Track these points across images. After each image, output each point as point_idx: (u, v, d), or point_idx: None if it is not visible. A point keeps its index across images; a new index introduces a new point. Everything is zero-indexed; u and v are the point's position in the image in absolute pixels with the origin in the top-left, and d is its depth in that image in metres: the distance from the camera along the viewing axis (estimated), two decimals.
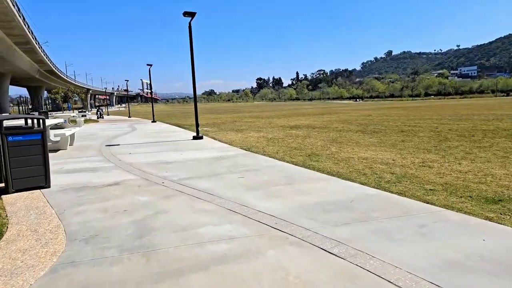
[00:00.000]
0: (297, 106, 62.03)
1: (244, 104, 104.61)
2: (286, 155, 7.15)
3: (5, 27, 23.09)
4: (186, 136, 12.11)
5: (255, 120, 22.23)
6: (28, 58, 36.73)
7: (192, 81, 10.96)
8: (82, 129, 17.32)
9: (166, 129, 16.05)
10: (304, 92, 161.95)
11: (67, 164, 6.83)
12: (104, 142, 10.75)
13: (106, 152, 8.44)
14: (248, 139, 10.41)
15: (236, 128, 15.21)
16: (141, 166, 6.39)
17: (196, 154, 7.80)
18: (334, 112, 31.05)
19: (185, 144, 9.75)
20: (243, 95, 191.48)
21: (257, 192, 4.38)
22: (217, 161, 6.77)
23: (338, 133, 11.51)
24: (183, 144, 9.65)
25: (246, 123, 18.66)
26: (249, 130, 13.85)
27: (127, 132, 14.77)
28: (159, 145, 9.59)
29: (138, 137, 12.15)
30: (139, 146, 9.51)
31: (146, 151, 8.47)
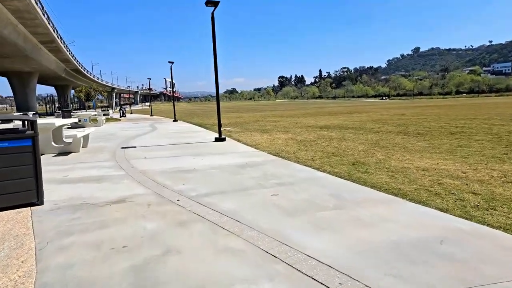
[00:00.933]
0: (321, 104, 60.24)
1: (266, 103, 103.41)
2: (324, 163, 6.01)
3: (29, 25, 23.07)
4: (208, 137, 11.17)
5: (279, 119, 21.10)
6: (54, 57, 37.18)
7: (215, 75, 9.99)
8: (102, 129, 16.79)
9: (187, 129, 15.22)
10: (327, 90, 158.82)
11: (74, 171, 5.99)
12: (120, 144, 9.97)
13: (120, 156, 7.60)
14: (275, 142, 9.32)
15: (261, 129, 14.15)
16: (155, 175, 5.44)
17: (218, 159, 6.80)
18: (363, 110, 29.41)
19: (206, 147, 8.79)
20: (265, 94, 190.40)
21: (299, 219, 3.30)
22: (242, 169, 5.73)
23: (377, 135, 10.21)
24: (204, 147, 8.69)
25: (271, 123, 17.56)
26: (275, 131, 12.75)
27: (146, 132, 14.03)
28: (178, 148, 8.67)
29: (157, 138, 11.33)
30: (156, 149, 8.63)
31: (164, 155, 7.56)
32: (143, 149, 8.74)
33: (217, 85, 10.06)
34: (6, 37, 21.41)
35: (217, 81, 10.02)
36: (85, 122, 19.11)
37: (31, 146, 3.95)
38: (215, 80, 10.04)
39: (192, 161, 6.71)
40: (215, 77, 10.02)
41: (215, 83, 10.07)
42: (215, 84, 10.09)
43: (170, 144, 9.51)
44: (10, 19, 20.25)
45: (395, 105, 42.15)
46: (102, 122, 19.52)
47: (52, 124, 7.89)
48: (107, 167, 6.29)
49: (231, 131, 13.23)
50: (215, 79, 10.02)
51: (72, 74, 53.86)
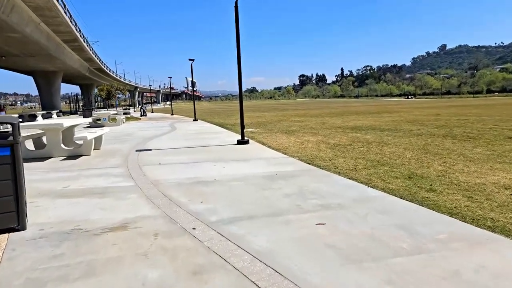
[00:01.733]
0: (344, 103, 58.33)
1: (287, 102, 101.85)
2: (372, 175, 4.93)
3: (51, 24, 22.95)
4: (229, 139, 10.24)
5: (304, 119, 19.97)
6: (77, 56, 37.44)
7: (238, 72, 9.04)
8: (120, 128, 16.23)
9: (208, 129, 14.37)
10: (350, 89, 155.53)
11: (77, 180, 5.18)
12: (135, 146, 9.19)
13: (132, 161, 6.77)
14: (305, 146, 8.27)
15: (286, 129, 13.11)
16: (169, 188, 4.53)
17: (242, 167, 5.83)
18: (392, 110, 27.78)
19: (228, 151, 7.85)
20: (285, 92, 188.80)
21: (367, 272, 2.27)
22: (272, 182, 4.74)
23: (421, 139, 8.96)
24: (225, 151, 7.75)
25: (296, 123, 16.47)
26: (301, 132, 11.68)
27: (165, 132, 13.28)
28: (197, 152, 7.78)
29: (175, 140, 10.51)
30: (173, 153, 7.77)
31: (180, 160, 6.67)
32: (159, 152, 7.90)
33: (240, 82, 9.11)
34: (28, 35, 21.33)
35: (240, 78, 9.07)
36: (104, 122, 18.68)
37: (9, 156, 3.10)
38: (238, 77, 9.09)
39: (212, 169, 5.78)
40: (238, 74, 9.07)
41: (238, 80, 9.12)
42: (238, 82, 9.14)
43: (188, 147, 8.64)
44: (31, 16, 20.10)
45: (424, 105, 39.98)
46: (121, 122, 19.05)
47: (59, 125, 7.18)
48: (116, 176, 5.44)
49: (254, 132, 12.27)
50: (238, 77, 9.08)
51: (96, 73, 54.50)
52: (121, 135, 12.62)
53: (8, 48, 25.32)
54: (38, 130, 7.76)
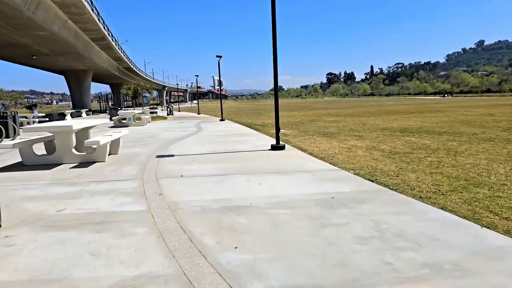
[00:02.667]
0: (376, 102, 55.57)
1: (315, 100, 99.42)
2: (472, 203, 3.50)
3: (78, 21, 22.68)
4: (261, 142, 8.99)
5: (339, 119, 18.41)
6: (106, 55, 37.58)
7: (274, 67, 7.74)
8: (144, 129, 15.41)
9: (236, 130, 13.20)
10: (380, 87, 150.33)
11: (77, 200, 4.10)
12: (157, 150, 8.15)
13: (150, 171, 5.67)
14: (355, 153, 6.88)
15: (323, 131, 11.70)
16: (190, 219, 3.34)
17: (284, 184, 4.56)
18: (434, 109, 25.53)
19: (262, 158, 6.60)
20: (312, 91, 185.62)
21: None
22: (330, 210, 3.43)
23: (498, 145, 7.31)
24: (259, 159, 6.50)
25: (332, 124, 14.98)
26: (343, 135, 10.24)
27: (190, 133, 12.24)
28: (225, 160, 6.58)
29: (201, 143, 9.39)
30: (198, 160, 6.62)
31: (206, 172, 5.49)
32: (182, 159, 6.78)
33: (276, 80, 7.81)
34: (56, 34, 21.11)
35: (276, 72, 7.77)
36: (129, 121, 18.00)
37: None
38: (274, 72, 7.81)
39: (245, 185, 4.55)
40: (274, 72, 7.79)
41: (274, 79, 7.84)
42: (274, 78, 7.85)
43: (215, 153, 7.47)
44: (58, 14, 19.81)
45: (467, 103, 36.98)
46: (146, 121, 18.30)
47: (69, 127, 6.20)
48: (126, 193, 4.33)
49: (287, 134, 10.96)
50: (274, 75, 7.79)
51: (125, 72, 55.08)
52: (144, 136, 11.70)
53: (39, 47, 25.42)
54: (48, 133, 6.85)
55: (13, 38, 21.47)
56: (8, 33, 20.11)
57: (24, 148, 6.49)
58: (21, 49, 25.64)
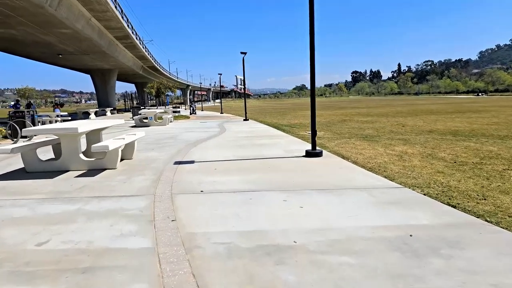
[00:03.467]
0: (406, 101, 52.87)
1: (339, 99, 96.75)
2: None
3: (102, 19, 22.36)
4: (293, 147, 7.91)
5: (371, 119, 17.00)
6: (130, 53, 37.54)
7: (310, 61, 6.62)
8: (165, 129, 14.67)
9: (262, 131, 12.16)
10: (408, 86, 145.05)
11: (68, 226, 3.20)
12: (176, 155, 7.25)
13: (165, 183, 4.74)
14: (410, 162, 5.67)
15: (360, 134, 10.46)
16: (210, 267, 2.33)
17: (335, 210, 3.47)
18: (475, 109, 23.51)
19: (297, 168, 5.51)
20: (337, 89, 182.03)
21: None
22: (416, 261, 2.32)
23: None
24: (293, 169, 5.43)
25: (366, 125, 13.65)
26: (385, 139, 8.98)
27: (213, 135, 11.33)
28: (254, 169, 5.55)
29: (224, 146, 8.42)
30: (222, 169, 5.64)
31: (231, 186, 4.49)
32: (203, 167, 5.81)
33: (312, 73, 6.69)
34: (80, 31, 20.84)
35: (313, 68, 6.64)
36: (150, 121, 17.37)
37: None
38: (311, 70, 6.69)
39: (282, 209, 3.50)
40: (310, 66, 6.67)
41: (310, 75, 6.72)
42: (310, 73, 6.74)
43: (241, 159, 6.46)
44: (81, 11, 19.49)
45: (508, 103, 34.22)
46: (168, 121, 17.59)
47: (73, 130, 5.35)
48: (131, 218, 3.38)
49: (320, 136, 9.80)
50: (310, 69, 6.68)
51: (149, 71, 55.35)
52: (163, 137, 10.89)
53: (64, 46, 25.40)
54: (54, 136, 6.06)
55: (38, 37, 21.40)
56: (33, 31, 20.00)
57: (27, 153, 5.73)
58: (47, 48, 25.72)
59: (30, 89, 67.90)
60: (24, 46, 24.93)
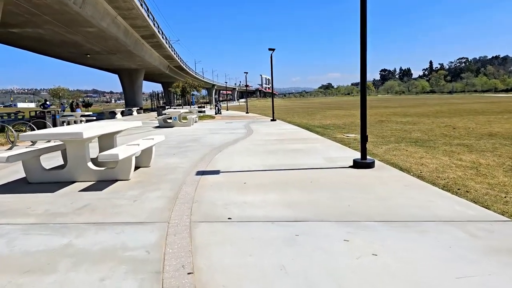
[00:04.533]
0: (442, 100, 49.76)
1: (368, 98, 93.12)
2: None
3: (127, 17, 21.99)
4: (332, 152, 6.76)
5: (411, 120, 15.43)
6: (156, 53, 37.42)
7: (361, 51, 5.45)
8: (189, 130, 13.87)
9: (293, 134, 11.04)
10: (441, 84, 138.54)
11: (42, 279, 2.26)
12: (199, 162, 6.31)
13: (183, 204, 3.77)
14: (495, 179, 4.41)
15: (407, 137, 9.13)
16: None
17: (422, 260, 2.34)
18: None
19: (347, 185, 4.39)
20: None
21: None
22: None
23: None
24: (343, 186, 4.31)
25: (408, 126, 12.20)
26: (441, 144, 7.64)
27: (239, 137, 10.35)
28: (292, 185, 4.48)
29: (252, 152, 7.40)
30: (252, 184, 4.61)
31: (267, 213, 3.46)
32: (230, 179, 4.82)
33: (363, 57, 5.52)
34: (105, 30, 20.55)
35: (365, 50, 5.46)
36: (174, 121, 16.66)
37: None
38: (361, 64, 5.53)
39: (346, 257, 2.41)
40: (361, 60, 5.52)
41: (360, 69, 5.57)
42: (360, 71, 5.58)
43: (274, 169, 5.40)
44: (107, 9, 19.13)
45: None
46: (192, 121, 16.82)
47: (78, 135, 4.49)
48: (132, 266, 2.41)
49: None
50: (361, 65, 5.52)
51: (175, 71, 55.44)
52: (187, 139, 10.03)
53: (91, 45, 25.37)
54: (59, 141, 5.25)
55: (65, 36, 21.33)
56: (59, 31, 19.90)
57: (29, 161, 4.96)
58: (75, 47, 25.79)
59: (63, 89, 69.80)
60: (52, 46, 25.10)
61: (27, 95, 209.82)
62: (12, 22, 17.22)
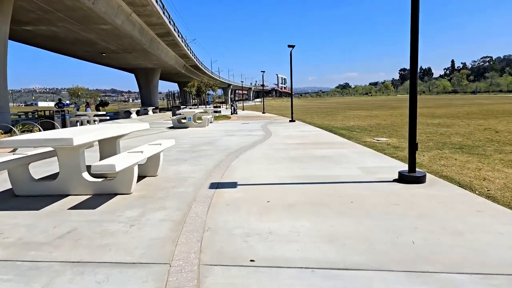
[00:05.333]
0: (467, 100, 47.47)
1: (386, 98, 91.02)
2: None
3: (142, 14, 21.46)
4: (368, 161, 5.81)
5: (443, 121, 14.17)
6: (172, 52, 37.00)
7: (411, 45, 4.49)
8: (204, 131, 13.09)
9: (315, 136, 10.08)
10: (464, 84, 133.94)
11: None
12: (213, 171, 5.49)
13: (193, 231, 2.95)
14: None
15: (449, 142, 8.06)
16: None
17: None
18: None
19: (399, 208, 3.46)
20: (383, 88, 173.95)
21: None
22: None
23: None
24: (396, 211, 3.38)
25: (443, 129, 11.04)
26: (493, 152, 6.57)
27: (257, 140, 9.49)
28: (328, 207, 3.58)
29: (273, 159, 6.52)
30: (278, 204, 3.75)
31: (300, 250, 2.60)
32: (250, 195, 3.96)
33: (414, 49, 4.54)
34: (120, 28, 20.07)
35: (416, 55, 4.49)
36: (189, 122, 15.94)
37: None
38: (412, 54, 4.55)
39: None
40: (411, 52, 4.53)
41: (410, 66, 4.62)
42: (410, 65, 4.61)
43: (302, 182, 4.50)
44: (120, 5, 18.61)
45: None
46: (207, 122, 16.07)
47: (66, 141, 3.70)
48: None
49: (397, 146, 7.58)
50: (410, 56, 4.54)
51: (191, 70, 55.12)
52: (201, 142, 9.25)
53: (105, 43, 25.04)
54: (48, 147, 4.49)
55: (79, 33, 20.99)
56: (73, 28, 19.53)
57: (15, 170, 4.24)
58: (90, 46, 25.52)
59: (81, 89, 70.73)
60: (67, 44, 24.89)
61: (48, 94, 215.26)
62: (24, 19, 16.91)
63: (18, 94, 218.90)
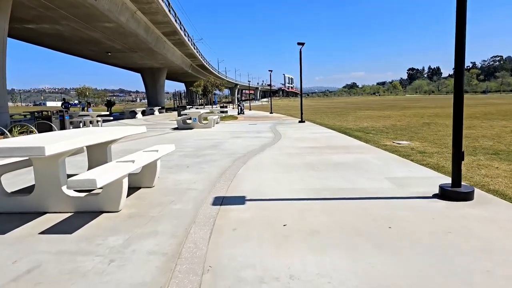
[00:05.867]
0: (479, 100, 46.02)
1: (395, 98, 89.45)
2: None
3: (147, 12, 20.89)
4: (396, 170, 5.04)
5: (464, 123, 13.22)
6: (178, 51, 36.47)
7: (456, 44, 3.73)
8: (209, 133, 12.40)
9: (329, 139, 9.31)
10: (474, 83, 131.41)
11: None
12: (217, 181, 4.79)
13: (189, 271, 2.24)
14: None
15: (480, 146, 7.24)
16: None
17: None
18: None
19: (449, 236, 2.71)
20: (391, 88, 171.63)
21: None
22: None
23: None
24: (443, 237, 2.63)
25: (468, 131, 10.16)
26: None
27: (266, 143, 8.77)
28: (358, 234, 2.86)
29: (286, 167, 5.78)
30: (296, 229, 3.03)
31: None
32: (262, 216, 3.24)
33: (459, 51, 3.77)
34: (125, 26, 19.51)
35: (463, 44, 3.72)
36: (194, 122, 15.28)
37: None
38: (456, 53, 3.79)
39: None
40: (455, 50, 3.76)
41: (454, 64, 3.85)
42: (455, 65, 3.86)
43: (324, 198, 3.77)
44: (125, 2, 18.04)
45: None
46: (213, 122, 15.38)
47: (36, 151, 3.02)
48: None
49: (422, 151, 6.80)
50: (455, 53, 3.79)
51: (198, 70, 54.61)
52: (205, 145, 8.55)
53: (111, 42, 24.55)
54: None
55: (84, 32, 20.49)
56: (77, 26, 19.03)
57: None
58: (94, 45, 25.06)
59: (88, 89, 70.68)
60: (72, 43, 24.45)
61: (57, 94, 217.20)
62: (26, 17, 16.43)
63: (28, 94, 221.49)
